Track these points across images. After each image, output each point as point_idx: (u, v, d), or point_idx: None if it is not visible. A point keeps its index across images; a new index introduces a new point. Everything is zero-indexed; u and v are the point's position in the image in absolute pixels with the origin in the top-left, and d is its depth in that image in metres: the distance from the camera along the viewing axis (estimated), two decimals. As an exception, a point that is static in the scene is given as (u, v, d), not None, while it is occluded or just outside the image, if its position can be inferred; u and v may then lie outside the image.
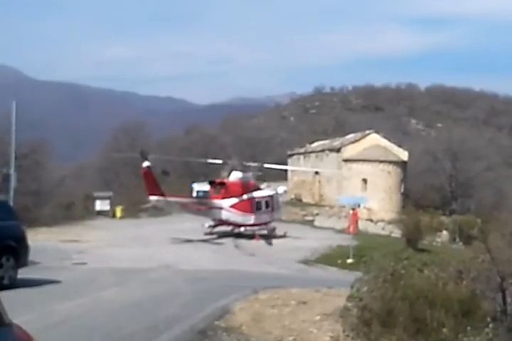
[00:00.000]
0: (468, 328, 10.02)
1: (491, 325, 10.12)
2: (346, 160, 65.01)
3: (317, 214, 60.19)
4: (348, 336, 11.21)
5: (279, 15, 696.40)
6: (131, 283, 21.18)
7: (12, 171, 35.75)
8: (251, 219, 42.46)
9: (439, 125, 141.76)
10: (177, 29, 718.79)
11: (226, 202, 41.96)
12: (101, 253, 31.63)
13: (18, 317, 10.03)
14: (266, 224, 43.50)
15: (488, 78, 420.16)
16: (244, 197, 42.58)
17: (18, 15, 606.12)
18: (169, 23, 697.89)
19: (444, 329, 9.95)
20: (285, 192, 52.28)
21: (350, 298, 11.86)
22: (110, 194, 56.33)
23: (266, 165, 47.66)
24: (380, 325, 10.89)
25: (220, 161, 48.06)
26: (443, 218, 59.61)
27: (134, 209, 54.75)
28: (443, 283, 11.55)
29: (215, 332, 13.07)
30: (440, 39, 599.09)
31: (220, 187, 42.78)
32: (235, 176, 44.05)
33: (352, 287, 12.03)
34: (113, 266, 26.33)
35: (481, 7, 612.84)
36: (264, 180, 55.27)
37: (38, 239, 31.03)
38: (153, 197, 39.78)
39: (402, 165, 65.38)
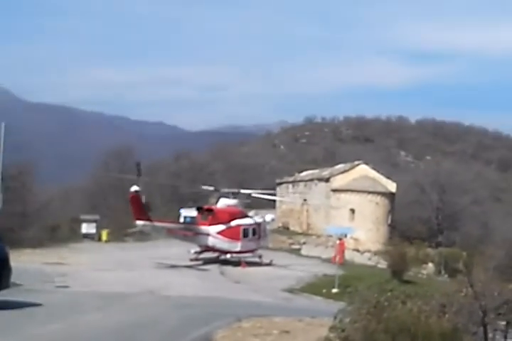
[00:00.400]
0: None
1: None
2: (335, 190, 65.09)
3: (304, 243, 60.07)
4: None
5: (272, 44, 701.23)
6: (114, 307, 21.03)
7: (-1, 193, 35.46)
8: (237, 246, 42.36)
9: (428, 158, 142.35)
10: (170, 55, 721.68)
11: (213, 229, 41.89)
12: (84, 276, 31.41)
13: (-4, 340, 9.96)
14: (252, 251, 43.38)
15: (478, 113, 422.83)
16: (232, 224, 42.53)
17: (10, 37, 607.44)
18: (162, 49, 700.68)
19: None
20: (273, 220, 52.15)
21: (332, 328, 11.85)
22: (97, 217, 56.07)
23: (242, 191, 47.44)
24: (361, 356, 10.86)
25: (211, 188, 47.91)
26: (429, 250, 59.70)
27: (121, 233, 54.53)
28: (425, 316, 11.56)
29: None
30: (432, 73, 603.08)
31: (208, 214, 42.72)
32: (223, 203, 44.04)
33: (335, 317, 12.01)
34: (96, 289, 26.16)
35: (472, 43, 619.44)
36: (252, 208, 55.17)
37: (21, 261, 30.84)
38: (139, 222, 39.67)
39: (390, 196, 65.50)
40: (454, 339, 11.12)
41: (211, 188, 47.28)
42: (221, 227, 42.04)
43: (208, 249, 42.46)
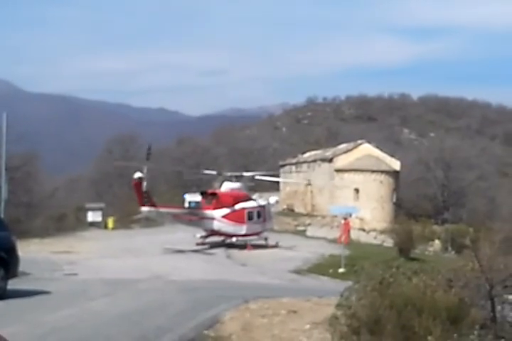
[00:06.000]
0: (455, 335, 10.02)
1: (476, 332, 10.12)
2: (338, 170, 65.09)
3: (309, 224, 60.20)
4: (336, 344, 11.19)
5: (271, 25, 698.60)
6: (122, 293, 21.11)
7: (3, 183, 35.56)
8: (242, 229, 42.47)
9: (432, 134, 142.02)
10: (169, 41, 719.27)
11: (218, 213, 41.98)
12: (92, 264, 31.53)
13: (6, 328, 10.02)
14: (258, 234, 43.48)
15: (481, 88, 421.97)
16: (236, 207, 42.61)
17: (8, 27, 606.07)
18: (161, 35, 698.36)
19: (430, 337, 9.94)
20: (277, 202, 52.23)
21: (338, 306, 11.86)
22: (102, 205, 56.24)
23: (257, 177, 47.66)
24: (368, 333, 10.89)
25: (213, 172, 47.97)
26: (435, 227, 59.80)
27: (126, 220, 54.66)
28: (431, 291, 11.56)
29: (204, 342, 13.05)
30: (433, 49, 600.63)
31: (212, 198, 42.80)
32: (227, 187, 44.09)
33: (341, 295, 12.03)
34: (104, 276, 26.25)
35: (473, 17, 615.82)
36: (256, 191, 55.24)
37: (29, 251, 31.07)
38: (144, 208, 39.74)
39: (394, 174, 65.48)
40: (460, 313, 11.13)
41: (214, 172, 47.32)
42: (226, 211, 42.14)
43: (214, 233, 42.60)
